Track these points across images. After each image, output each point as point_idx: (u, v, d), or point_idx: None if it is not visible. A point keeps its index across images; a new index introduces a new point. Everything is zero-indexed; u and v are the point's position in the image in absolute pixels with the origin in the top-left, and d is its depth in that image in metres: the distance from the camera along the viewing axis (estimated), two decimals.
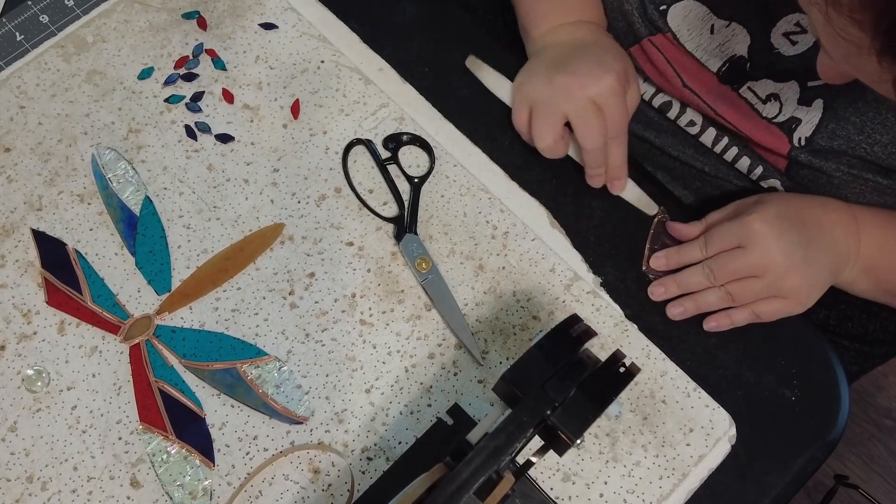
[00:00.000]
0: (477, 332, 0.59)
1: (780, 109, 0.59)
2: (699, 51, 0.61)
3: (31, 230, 0.61)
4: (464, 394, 0.57)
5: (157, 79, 0.67)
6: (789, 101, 0.58)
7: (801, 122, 0.58)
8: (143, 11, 0.69)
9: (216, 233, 0.61)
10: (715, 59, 0.61)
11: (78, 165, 0.63)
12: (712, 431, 0.56)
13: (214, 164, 0.64)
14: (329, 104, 0.66)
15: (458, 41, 0.70)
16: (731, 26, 0.59)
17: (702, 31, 0.60)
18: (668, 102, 0.68)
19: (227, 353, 0.57)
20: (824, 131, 0.57)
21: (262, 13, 0.69)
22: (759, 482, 0.56)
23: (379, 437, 0.56)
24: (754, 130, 0.61)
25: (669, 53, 0.63)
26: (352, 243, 0.62)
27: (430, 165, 0.64)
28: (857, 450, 1.33)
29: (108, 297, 0.59)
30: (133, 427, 0.55)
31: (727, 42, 0.59)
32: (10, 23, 0.68)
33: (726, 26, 0.59)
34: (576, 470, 0.55)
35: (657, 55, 0.64)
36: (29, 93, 0.66)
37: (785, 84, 0.58)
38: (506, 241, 0.62)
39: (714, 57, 0.61)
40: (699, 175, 0.70)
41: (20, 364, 0.57)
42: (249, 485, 0.54)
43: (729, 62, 0.60)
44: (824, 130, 0.57)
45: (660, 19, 0.62)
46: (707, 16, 0.60)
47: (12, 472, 0.54)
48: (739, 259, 0.56)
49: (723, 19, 0.59)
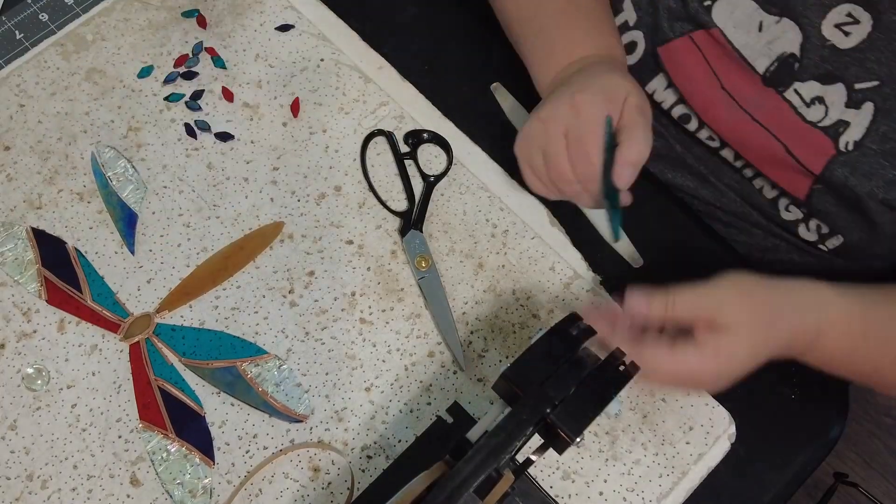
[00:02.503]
0: (476, 330, 0.59)
1: (826, 113, 0.55)
2: (746, 49, 0.57)
3: (30, 228, 0.61)
4: (463, 392, 0.57)
5: (157, 77, 0.67)
6: (835, 105, 0.55)
7: (850, 124, 0.54)
8: (143, 10, 0.69)
9: (216, 231, 0.61)
10: (763, 58, 0.57)
11: (78, 164, 0.63)
12: (712, 430, 0.56)
13: (214, 162, 0.64)
14: (329, 102, 0.66)
15: (458, 40, 0.70)
16: (781, 23, 0.55)
17: (749, 28, 0.56)
18: (686, 115, 0.64)
19: (226, 352, 0.57)
20: (875, 134, 0.53)
21: (261, 11, 0.69)
22: (759, 480, 0.56)
23: (379, 435, 0.56)
24: (792, 136, 0.58)
25: (710, 52, 0.59)
26: (352, 242, 0.62)
27: (447, 165, 0.64)
28: (856, 448, 1.33)
29: (107, 296, 0.59)
30: (133, 425, 0.56)
31: (776, 40, 0.56)
32: (9, 21, 0.68)
33: (776, 23, 0.55)
34: (575, 468, 0.55)
35: (693, 55, 0.60)
36: (28, 91, 0.66)
37: (831, 87, 0.55)
38: (505, 240, 0.62)
39: (762, 56, 0.57)
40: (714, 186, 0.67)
41: (20, 362, 0.57)
42: (249, 483, 0.54)
43: (778, 61, 0.56)
44: (875, 133, 0.53)
45: (704, 14, 0.58)
46: (755, 11, 0.56)
47: (12, 470, 0.54)
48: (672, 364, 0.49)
49: (772, 15, 0.55)
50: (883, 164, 0.53)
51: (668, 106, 0.65)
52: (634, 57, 0.64)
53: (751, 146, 0.61)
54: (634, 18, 0.63)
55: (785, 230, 0.64)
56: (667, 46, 0.61)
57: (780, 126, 0.58)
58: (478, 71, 0.69)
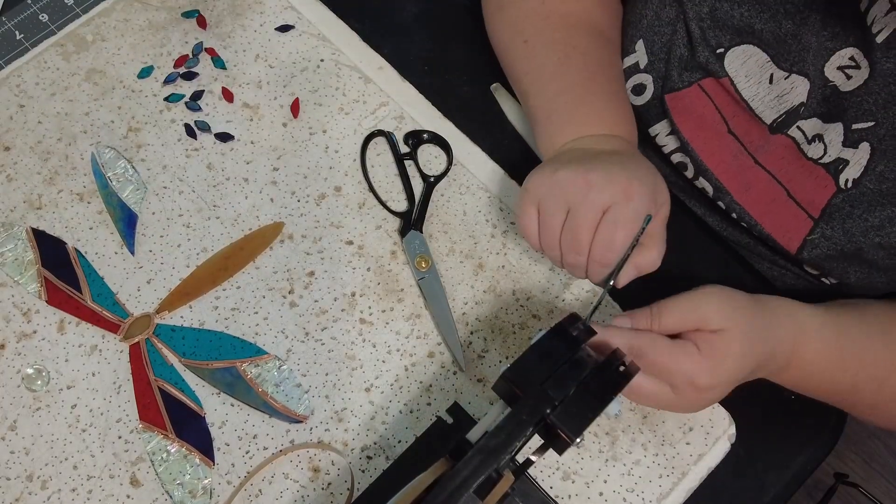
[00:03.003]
0: (476, 330, 0.59)
1: (825, 150, 0.55)
2: (755, 101, 0.57)
3: (30, 229, 0.61)
4: (463, 392, 0.57)
5: (157, 77, 0.67)
6: (833, 143, 0.55)
7: (849, 163, 0.54)
8: (143, 10, 0.69)
9: (216, 231, 0.61)
10: (770, 111, 0.57)
11: (77, 164, 0.63)
12: (712, 430, 0.56)
13: (214, 162, 0.64)
14: (329, 103, 0.66)
15: (458, 40, 0.70)
16: (791, 78, 0.55)
17: (760, 79, 0.56)
18: (683, 164, 0.64)
19: (226, 352, 0.57)
20: (872, 173, 0.53)
21: (261, 12, 0.69)
22: (759, 480, 0.56)
23: (379, 435, 0.56)
24: (795, 176, 0.57)
25: (719, 99, 0.59)
26: (351, 242, 0.62)
27: (447, 165, 0.64)
28: (857, 448, 1.33)
29: (107, 296, 0.59)
30: (133, 426, 0.56)
31: (785, 95, 0.56)
32: (9, 21, 0.68)
33: (786, 78, 0.55)
34: (575, 468, 0.55)
35: (703, 101, 0.59)
36: (28, 91, 0.66)
37: (830, 126, 0.55)
38: (505, 240, 0.62)
39: (769, 109, 0.57)
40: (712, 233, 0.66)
41: (20, 363, 0.57)
42: (249, 483, 0.54)
43: (786, 114, 0.56)
44: (872, 172, 0.53)
45: (715, 63, 0.57)
46: (767, 64, 0.56)
47: (12, 470, 0.54)
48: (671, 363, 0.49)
49: (783, 70, 0.55)
50: (881, 202, 0.54)
51: (667, 151, 0.65)
52: (642, 99, 0.63)
53: (752, 192, 0.60)
54: (646, 62, 0.62)
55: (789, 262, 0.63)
56: (675, 94, 0.60)
57: (784, 167, 0.58)
58: (478, 71, 0.69)
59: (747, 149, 0.59)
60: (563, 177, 0.51)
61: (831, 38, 0.53)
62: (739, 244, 0.66)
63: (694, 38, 0.58)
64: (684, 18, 0.58)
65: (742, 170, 0.60)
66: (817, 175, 0.56)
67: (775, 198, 0.59)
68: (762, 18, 0.55)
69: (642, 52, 0.62)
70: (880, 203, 0.54)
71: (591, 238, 0.51)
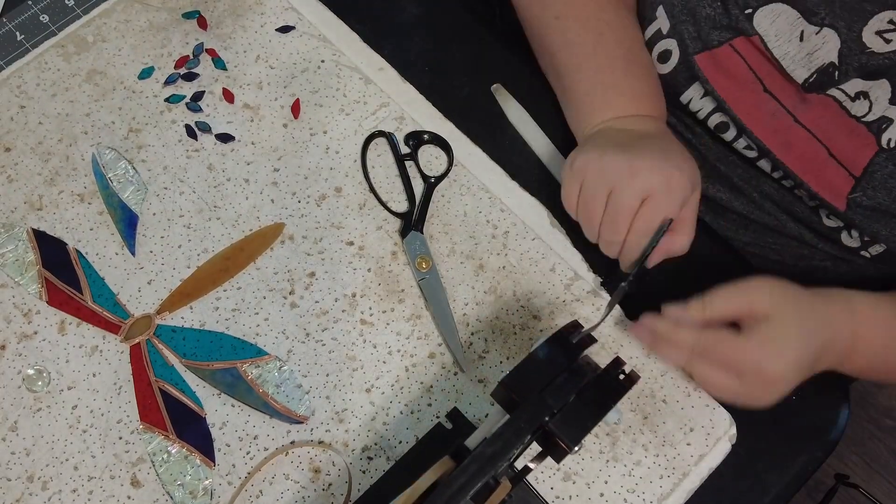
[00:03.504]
0: (477, 331, 0.59)
1: (870, 108, 0.55)
2: (786, 59, 0.57)
3: (31, 230, 0.61)
4: (464, 393, 0.57)
5: (158, 78, 0.67)
6: (879, 101, 0.54)
7: (893, 121, 0.54)
8: (144, 11, 0.69)
9: (216, 232, 0.61)
10: (802, 69, 0.56)
11: (78, 165, 0.63)
12: (713, 431, 0.56)
13: (215, 163, 0.64)
14: (329, 104, 0.66)
15: (458, 41, 0.70)
16: (822, 32, 0.55)
17: (791, 37, 0.56)
18: (724, 124, 0.63)
19: (227, 353, 0.57)
20: None
21: (262, 13, 0.69)
22: (760, 481, 0.56)
23: (379, 436, 0.56)
24: (836, 135, 0.57)
25: (751, 58, 0.59)
26: (352, 243, 0.62)
27: (447, 166, 0.64)
28: (857, 449, 1.33)
29: (108, 297, 0.59)
30: (133, 426, 0.56)
31: (816, 51, 0.55)
32: (10, 22, 0.68)
33: (817, 33, 0.55)
34: (576, 469, 0.55)
35: (735, 60, 0.59)
36: (29, 92, 0.66)
37: (875, 83, 0.54)
38: (506, 241, 0.62)
39: (801, 67, 0.56)
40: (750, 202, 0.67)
41: (21, 364, 0.57)
42: (250, 484, 0.54)
43: (818, 72, 0.56)
44: None
45: (745, 22, 0.57)
46: (797, 20, 0.55)
47: (13, 471, 0.54)
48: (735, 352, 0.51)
49: (814, 25, 0.55)
50: None
51: (703, 115, 0.64)
52: (668, 66, 0.63)
53: (792, 151, 0.60)
54: (668, 27, 0.61)
55: (825, 238, 0.63)
56: (704, 55, 0.60)
57: (824, 126, 0.58)
58: (478, 71, 0.69)
59: (786, 107, 0.59)
60: (610, 160, 0.53)
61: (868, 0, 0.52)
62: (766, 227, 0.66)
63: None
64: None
65: (782, 129, 0.60)
66: (859, 133, 0.56)
67: (816, 156, 0.59)
68: None
69: (663, 17, 0.62)
70: None
71: (630, 223, 0.53)
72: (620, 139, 0.56)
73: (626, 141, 0.56)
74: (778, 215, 0.64)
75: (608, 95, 0.60)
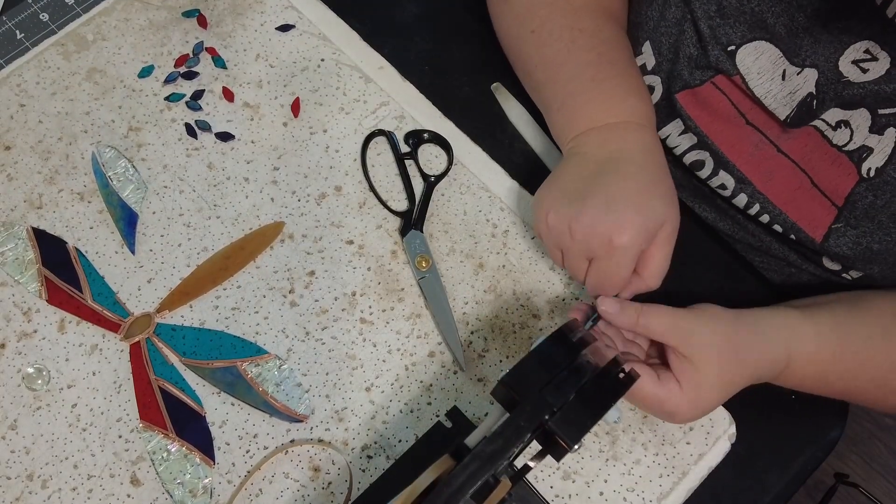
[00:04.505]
0: (477, 330, 0.59)
1: (851, 137, 0.54)
2: (768, 98, 0.56)
3: (31, 228, 0.61)
4: (464, 392, 0.57)
5: (158, 77, 0.67)
6: (860, 129, 0.54)
7: (873, 151, 0.54)
8: (144, 10, 0.69)
9: (216, 231, 0.61)
10: (784, 107, 0.56)
11: (78, 163, 0.63)
12: (712, 430, 0.56)
13: (215, 162, 0.64)
14: (329, 102, 0.66)
15: (459, 40, 0.70)
16: (804, 72, 0.54)
17: (773, 76, 0.55)
18: (699, 162, 0.63)
19: (227, 352, 0.57)
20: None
21: (262, 11, 0.69)
22: (760, 480, 0.56)
23: (379, 435, 0.56)
24: (819, 164, 0.56)
25: (733, 95, 0.59)
26: (352, 242, 0.62)
27: (447, 165, 0.64)
28: (857, 448, 1.33)
29: (108, 296, 0.59)
30: (133, 425, 0.56)
31: (798, 90, 0.55)
32: (10, 21, 0.68)
33: (798, 73, 0.55)
34: (576, 468, 0.55)
35: (717, 97, 0.59)
36: (29, 91, 0.66)
37: (854, 111, 0.54)
38: (506, 240, 0.62)
39: (782, 105, 0.56)
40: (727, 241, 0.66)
41: (20, 362, 0.57)
42: (250, 482, 0.54)
43: (797, 107, 0.55)
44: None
45: (727, 61, 0.57)
46: (779, 59, 0.55)
47: (13, 470, 0.54)
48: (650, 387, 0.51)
49: (795, 66, 0.55)
50: None
51: (680, 152, 0.64)
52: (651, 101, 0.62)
53: (775, 181, 0.60)
54: (653, 63, 0.61)
55: (808, 260, 0.63)
56: (686, 93, 0.60)
57: (807, 155, 0.57)
58: (478, 71, 0.69)
59: (769, 138, 0.59)
60: (553, 222, 0.53)
61: (844, 31, 0.52)
62: (751, 246, 0.66)
63: (704, 36, 0.57)
64: (692, 18, 0.58)
65: (764, 159, 0.59)
66: (840, 163, 0.56)
67: (799, 185, 0.58)
68: (774, 12, 0.54)
69: (649, 54, 0.62)
70: None
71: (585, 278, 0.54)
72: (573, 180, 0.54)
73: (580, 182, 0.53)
74: (762, 237, 0.64)
75: (577, 105, 0.57)
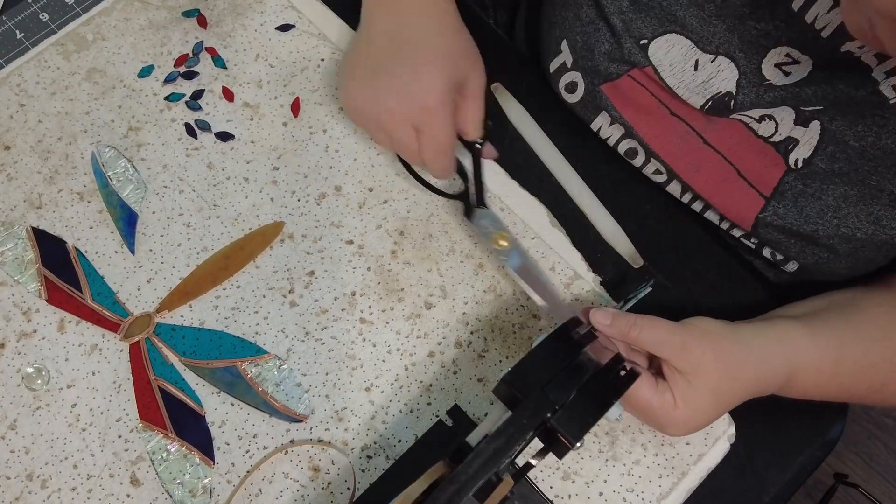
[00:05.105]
0: (476, 330, 0.59)
1: (776, 129, 0.55)
2: (680, 88, 0.58)
3: (30, 228, 0.61)
4: (464, 392, 0.57)
5: (157, 77, 0.67)
6: (784, 122, 0.55)
7: (799, 142, 0.54)
8: (143, 9, 0.69)
9: (216, 231, 0.61)
10: (697, 96, 0.57)
11: (78, 163, 0.63)
12: (711, 430, 0.56)
13: (214, 162, 0.64)
14: (329, 102, 0.66)
15: None
16: (717, 60, 0.55)
17: (685, 67, 0.57)
18: (632, 150, 0.64)
19: (226, 352, 0.57)
20: (823, 153, 0.53)
21: (262, 11, 0.69)
22: (759, 480, 0.56)
23: (379, 435, 0.56)
24: (746, 155, 0.57)
25: (651, 87, 0.60)
26: (352, 241, 0.62)
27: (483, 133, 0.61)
28: (856, 448, 1.33)
29: (107, 296, 0.59)
30: (133, 425, 0.56)
31: (711, 79, 0.56)
32: (9, 21, 0.68)
33: (711, 61, 0.56)
34: (575, 468, 0.55)
35: (638, 89, 0.60)
36: (29, 91, 0.66)
37: (777, 108, 0.55)
38: None
39: (696, 94, 0.57)
40: None
41: (20, 362, 0.57)
42: (249, 482, 0.54)
43: (712, 99, 0.56)
44: (823, 152, 0.54)
45: (638, 53, 0.58)
46: (691, 50, 0.56)
47: (12, 470, 0.54)
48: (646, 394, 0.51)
49: (708, 53, 0.55)
50: (834, 181, 0.54)
51: (613, 142, 0.65)
52: (576, 96, 0.64)
53: (701, 172, 0.60)
54: (571, 60, 0.63)
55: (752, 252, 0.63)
56: (608, 85, 0.61)
57: (733, 146, 0.58)
58: None
59: (695, 129, 0.59)
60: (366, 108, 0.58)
61: (763, 35, 0.53)
62: None
63: (617, 31, 0.59)
64: (604, 15, 0.59)
65: (690, 150, 0.60)
66: (767, 153, 0.56)
67: (726, 177, 0.59)
68: (682, 4, 0.55)
69: (567, 52, 0.63)
70: (833, 182, 0.54)
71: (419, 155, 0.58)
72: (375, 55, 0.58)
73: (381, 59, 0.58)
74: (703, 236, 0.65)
75: None
